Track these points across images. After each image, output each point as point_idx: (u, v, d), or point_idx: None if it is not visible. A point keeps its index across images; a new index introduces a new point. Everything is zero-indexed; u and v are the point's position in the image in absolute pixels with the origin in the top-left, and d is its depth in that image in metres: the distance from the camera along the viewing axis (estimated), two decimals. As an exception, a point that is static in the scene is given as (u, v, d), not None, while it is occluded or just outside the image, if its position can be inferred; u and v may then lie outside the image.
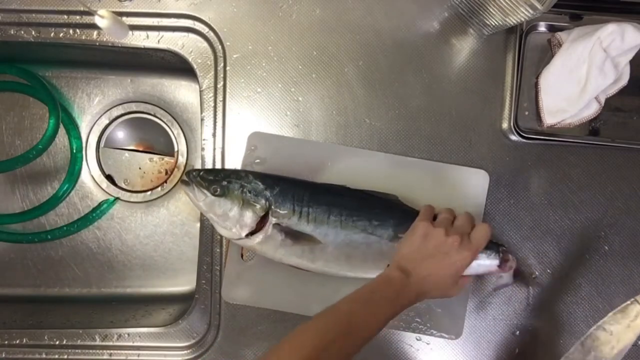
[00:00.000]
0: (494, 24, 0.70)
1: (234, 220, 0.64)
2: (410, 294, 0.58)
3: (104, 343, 0.74)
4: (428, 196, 0.71)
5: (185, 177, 0.66)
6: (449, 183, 0.72)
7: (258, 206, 0.65)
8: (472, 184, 0.73)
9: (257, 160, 0.73)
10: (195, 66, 0.75)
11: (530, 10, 0.60)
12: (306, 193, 0.66)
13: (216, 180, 0.65)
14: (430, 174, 0.73)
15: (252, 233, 0.65)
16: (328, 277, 0.69)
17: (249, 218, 0.64)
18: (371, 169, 0.72)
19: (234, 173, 0.67)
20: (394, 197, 0.70)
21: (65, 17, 0.75)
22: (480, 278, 0.72)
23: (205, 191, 0.64)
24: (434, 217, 0.65)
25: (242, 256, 0.72)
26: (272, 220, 0.65)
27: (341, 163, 0.73)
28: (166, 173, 0.92)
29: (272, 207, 0.65)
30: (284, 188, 0.66)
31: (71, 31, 0.76)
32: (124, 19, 0.74)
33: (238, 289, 0.71)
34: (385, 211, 0.68)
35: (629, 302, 0.59)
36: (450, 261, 0.60)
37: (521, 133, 0.72)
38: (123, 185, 0.92)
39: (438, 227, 0.61)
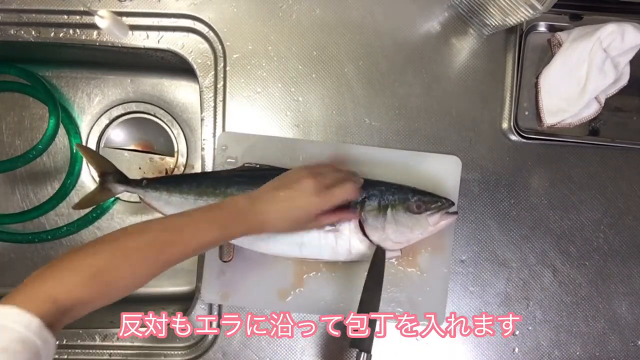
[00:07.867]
0: (494, 24, 0.70)
1: None
2: (253, 220, 0.58)
3: (104, 343, 0.74)
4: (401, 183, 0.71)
5: None
6: (422, 170, 0.72)
7: None
8: (445, 170, 0.72)
9: (230, 160, 0.73)
10: (195, 66, 0.75)
11: (530, 10, 0.61)
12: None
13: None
14: (402, 162, 0.72)
15: None
16: (310, 275, 0.70)
17: None
18: (341, 161, 0.72)
19: None
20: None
21: (65, 17, 0.75)
22: (478, 278, 0.73)
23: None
24: None
25: (220, 257, 0.72)
26: None
27: (313, 157, 0.72)
28: (166, 173, 0.92)
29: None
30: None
31: (71, 31, 0.76)
32: (124, 19, 0.74)
33: (217, 290, 0.71)
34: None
35: None
36: (297, 201, 0.60)
37: (521, 133, 0.72)
38: (123, 185, 0.92)
39: (306, 171, 0.62)
